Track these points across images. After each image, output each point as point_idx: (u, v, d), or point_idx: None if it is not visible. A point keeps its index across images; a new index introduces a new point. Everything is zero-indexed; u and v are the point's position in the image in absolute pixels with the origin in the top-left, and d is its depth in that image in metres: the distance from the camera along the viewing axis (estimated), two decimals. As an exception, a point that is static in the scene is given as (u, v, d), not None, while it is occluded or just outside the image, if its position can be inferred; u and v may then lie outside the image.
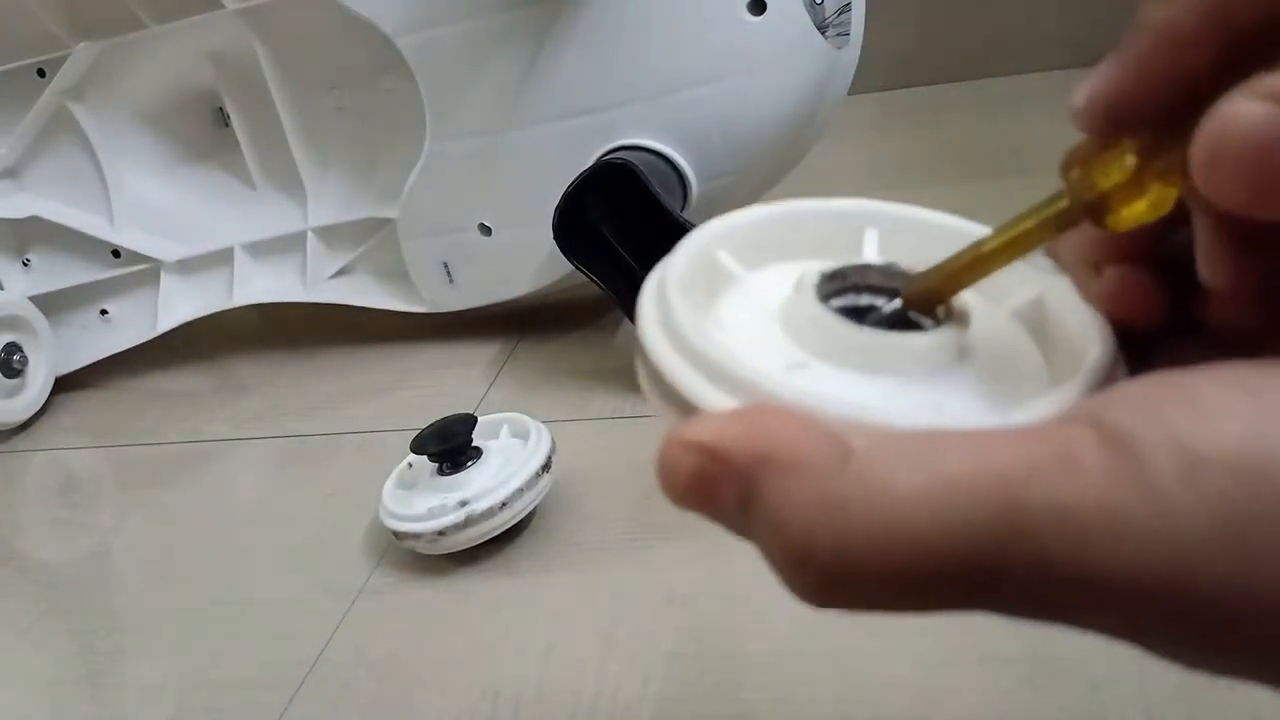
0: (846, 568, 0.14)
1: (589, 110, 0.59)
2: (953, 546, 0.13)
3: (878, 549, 0.13)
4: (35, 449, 0.71)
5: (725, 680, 0.38)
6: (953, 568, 0.13)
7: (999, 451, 0.14)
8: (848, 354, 0.18)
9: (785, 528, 0.14)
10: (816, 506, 0.14)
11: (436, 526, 0.45)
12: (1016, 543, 0.13)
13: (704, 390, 0.16)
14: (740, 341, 0.19)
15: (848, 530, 0.14)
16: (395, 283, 0.70)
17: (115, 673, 0.47)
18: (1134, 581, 0.13)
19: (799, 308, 0.18)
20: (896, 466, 0.14)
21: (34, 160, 0.74)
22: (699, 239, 0.20)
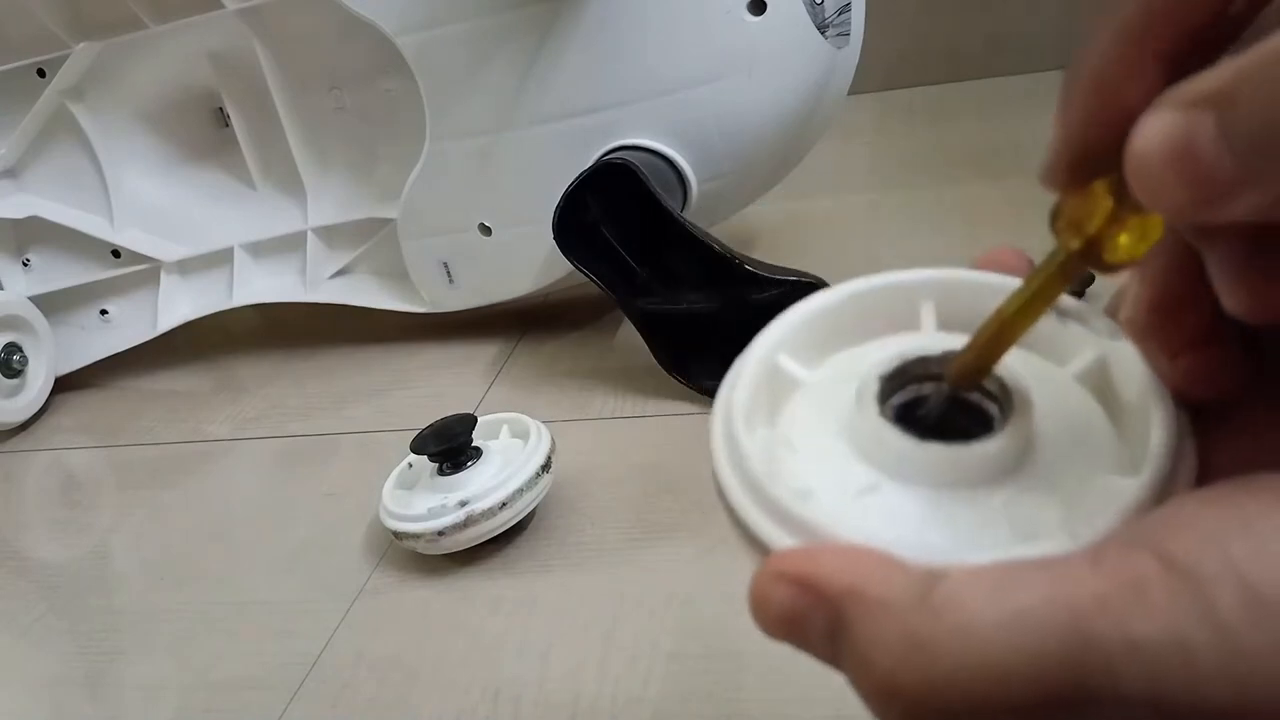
0: (932, 702, 0.15)
1: (589, 110, 0.59)
2: (1030, 679, 0.14)
3: (960, 683, 0.14)
4: (35, 449, 0.71)
5: (725, 680, 0.38)
6: (1032, 699, 0.14)
7: (1069, 583, 0.14)
8: (915, 471, 0.18)
9: (873, 665, 0.15)
10: (901, 644, 0.15)
11: (436, 526, 0.45)
12: (1091, 675, 0.14)
13: (782, 541, 0.17)
14: (810, 465, 0.19)
15: (932, 666, 0.14)
16: (395, 283, 0.70)
17: (115, 673, 0.47)
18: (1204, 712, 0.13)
19: (863, 424, 0.19)
20: (974, 603, 0.14)
21: (34, 160, 0.74)
22: (761, 349, 0.21)
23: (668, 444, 0.54)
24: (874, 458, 0.19)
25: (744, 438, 0.19)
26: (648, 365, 0.57)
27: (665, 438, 0.54)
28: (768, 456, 0.18)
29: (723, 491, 0.19)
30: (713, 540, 0.46)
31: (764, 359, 0.21)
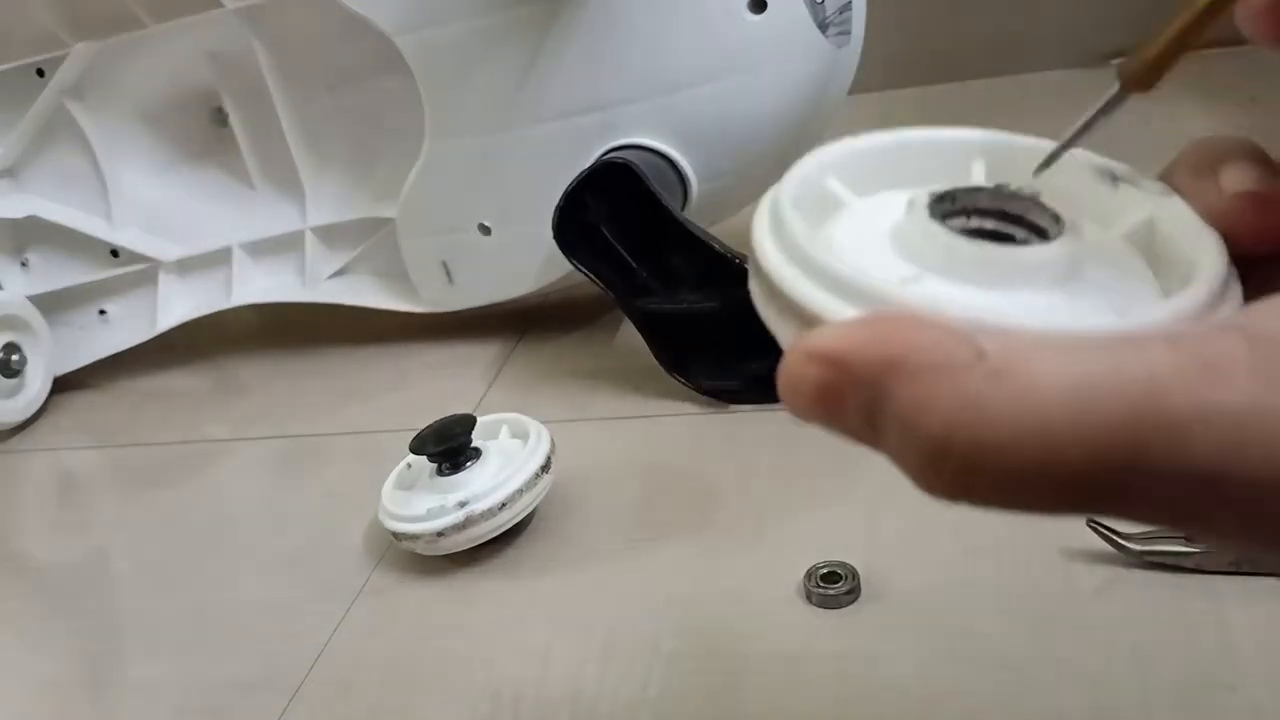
0: (985, 464, 0.14)
1: (589, 109, 0.59)
2: (1092, 449, 0.13)
3: (1017, 446, 0.14)
4: (34, 449, 0.71)
5: (725, 681, 0.38)
6: (1091, 470, 0.14)
7: (1143, 355, 0.14)
8: (962, 267, 0.18)
9: (922, 428, 0.14)
10: (954, 405, 0.14)
11: (436, 527, 0.45)
12: (1158, 445, 0.13)
13: (824, 300, 0.16)
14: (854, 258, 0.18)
15: (988, 428, 0.14)
16: (394, 283, 0.70)
17: (115, 673, 0.47)
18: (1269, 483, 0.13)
19: (911, 226, 0.18)
20: (1036, 366, 0.14)
21: (33, 160, 0.74)
22: (809, 164, 0.20)
23: (668, 444, 0.54)
24: (920, 255, 0.18)
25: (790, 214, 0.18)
26: (648, 365, 0.57)
27: (665, 438, 0.54)
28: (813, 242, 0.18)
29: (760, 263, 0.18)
30: (713, 540, 0.46)
31: (812, 173, 0.20)
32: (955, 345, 0.15)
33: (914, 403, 0.14)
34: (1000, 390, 0.14)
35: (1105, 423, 0.13)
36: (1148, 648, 0.35)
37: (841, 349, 0.15)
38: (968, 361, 0.14)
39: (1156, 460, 0.13)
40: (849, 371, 0.15)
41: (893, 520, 0.44)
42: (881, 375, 0.15)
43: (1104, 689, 0.34)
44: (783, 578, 0.42)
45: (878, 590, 0.40)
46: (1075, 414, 0.13)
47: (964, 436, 0.14)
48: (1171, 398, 0.13)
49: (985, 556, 0.41)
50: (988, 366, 0.14)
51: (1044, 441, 0.14)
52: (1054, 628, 0.37)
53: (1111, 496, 0.14)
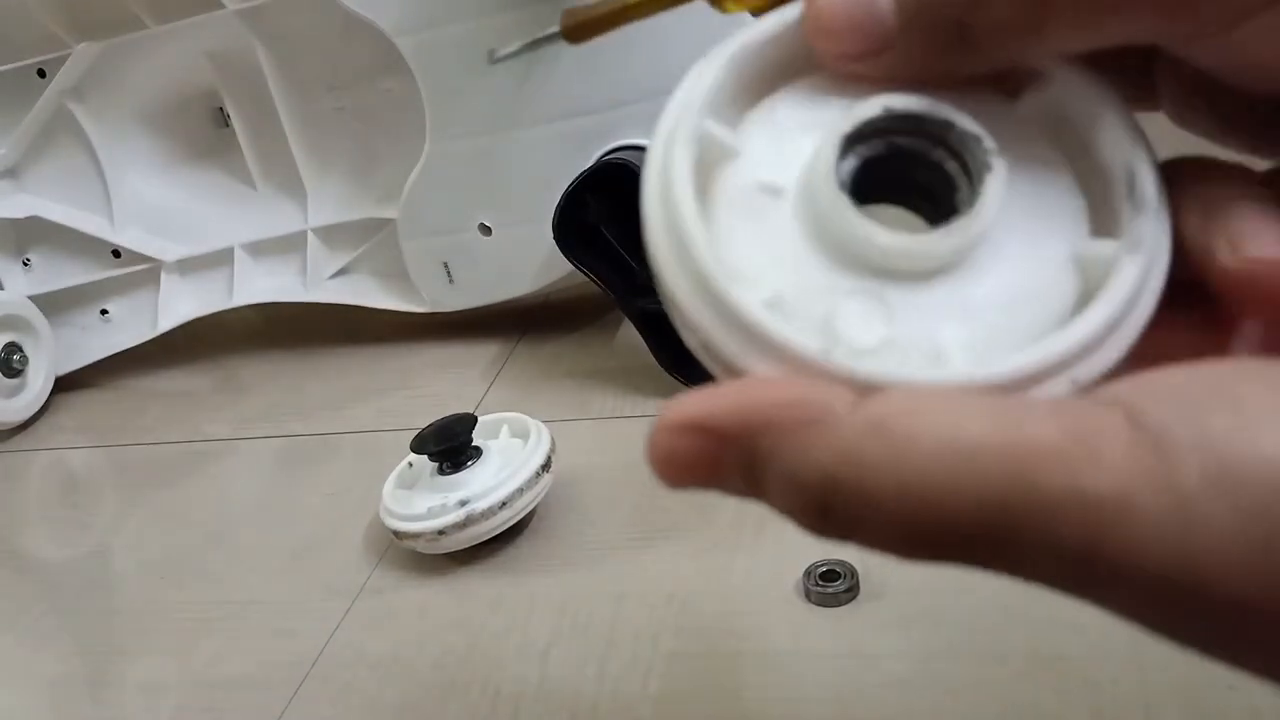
0: (867, 515, 0.14)
1: (589, 110, 0.59)
2: (967, 512, 0.14)
3: (899, 499, 0.14)
4: (35, 449, 0.71)
5: (725, 680, 0.38)
6: (966, 531, 0.14)
7: (1026, 425, 0.14)
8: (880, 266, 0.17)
9: (802, 483, 0.15)
10: (833, 457, 0.14)
11: (436, 526, 0.45)
12: (1029, 519, 0.13)
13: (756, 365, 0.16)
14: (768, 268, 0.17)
15: (868, 478, 0.14)
16: (395, 283, 0.70)
17: (115, 673, 0.47)
18: (1142, 573, 0.13)
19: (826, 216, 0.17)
20: (917, 422, 0.14)
21: (34, 160, 0.74)
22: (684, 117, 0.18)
23: (668, 444, 0.53)
24: (848, 253, 0.17)
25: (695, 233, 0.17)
26: (648, 365, 0.57)
27: (665, 437, 0.54)
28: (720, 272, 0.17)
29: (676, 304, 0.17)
30: (712, 539, 0.46)
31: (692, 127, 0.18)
32: (828, 398, 0.15)
33: (792, 459, 0.15)
34: (880, 442, 0.14)
35: (980, 490, 0.13)
36: (1147, 647, 0.35)
37: (708, 417, 0.15)
38: (841, 414, 0.14)
39: (1028, 534, 0.13)
40: (720, 437, 0.15)
41: (892, 520, 0.44)
42: (755, 436, 0.15)
43: (1104, 689, 0.34)
44: (782, 576, 0.42)
45: (877, 588, 0.40)
46: (953, 476, 0.14)
47: (846, 489, 0.14)
48: (1043, 476, 0.13)
49: (985, 556, 0.40)
50: (868, 418, 0.14)
51: (924, 497, 0.14)
52: (1053, 627, 0.37)
53: (993, 560, 0.14)
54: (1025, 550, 0.14)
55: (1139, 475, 0.13)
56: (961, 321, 0.17)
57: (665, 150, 0.18)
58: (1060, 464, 0.13)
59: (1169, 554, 0.13)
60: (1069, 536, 0.13)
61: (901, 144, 0.18)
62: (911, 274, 0.17)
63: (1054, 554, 0.13)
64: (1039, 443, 0.13)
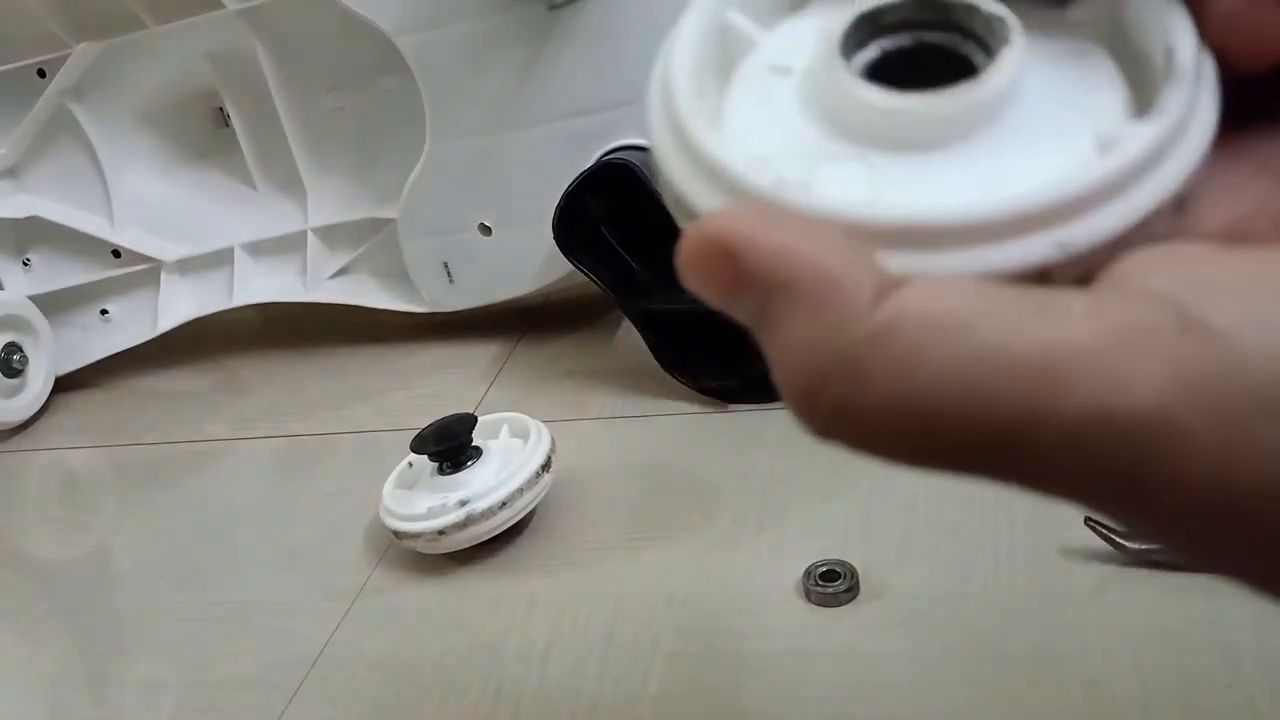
0: (852, 422, 0.13)
1: (589, 110, 0.59)
2: (976, 427, 0.12)
3: (889, 415, 0.13)
4: (35, 449, 0.71)
5: (725, 680, 0.38)
6: (970, 445, 0.12)
7: (1056, 325, 0.12)
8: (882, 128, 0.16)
9: (794, 369, 0.13)
10: (829, 356, 0.13)
11: (436, 526, 0.45)
12: (1046, 444, 0.12)
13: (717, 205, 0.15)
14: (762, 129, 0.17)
15: (859, 390, 0.13)
16: (395, 283, 0.70)
17: (115, 673, 0.47)
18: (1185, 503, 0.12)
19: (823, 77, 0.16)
20: (928, 334, 0.12)
21: (34, 160, 0.74)
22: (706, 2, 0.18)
23: (668, 444, 0.54)
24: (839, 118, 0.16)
25: (683, 93, 0.16)
26: (648, 365, 0.57)
27: (665, 438, 0.54)
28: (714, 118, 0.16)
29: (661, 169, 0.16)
30: (712, 539, 0.46)
31: (710, 11, 0.18)
32: (854, 280, 0.13)
33: (791, 339, 0.13)
34: (880, 354, 0.12)
35: (989, 409, 0.12)
36: (1147, 647, 0.35)
37: (742, 244, 0.14)
38: (857, 307, 0.13)
39: (1043, 460, 0.12)
40: (741, 271, 0.14)
41: (892, 519, 0.44)
42: (769, 291, 0.14)
43: (1103, 689, 0.34)
44: (782, 576, 0.42)
45: (876, 588, 0.40)
46: (961, 397, 0.12)
47: (835, 392, 0.13)
48: (1073, 396, 0.12)
49: (984, 555, 0.41)
50: (876, 321, 0.13)
51: (919, 418, 0.12)
52: (1053, 627, 0.37)
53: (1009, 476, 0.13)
54: (1050, 471, 0.12)
55: (1189, 392, 0.11)
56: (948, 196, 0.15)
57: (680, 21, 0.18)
58: (1098, 377, 0.11)
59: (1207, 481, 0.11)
60: (1103, 460, 0.12)
61: (928, 39, 0.17)
62: (907, 142, 0.16)
63: (1084, 476, 0.12)
64: (1073, 348, 0.12)
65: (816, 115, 0.17)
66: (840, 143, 0.16)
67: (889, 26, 0.17)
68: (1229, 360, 0.11)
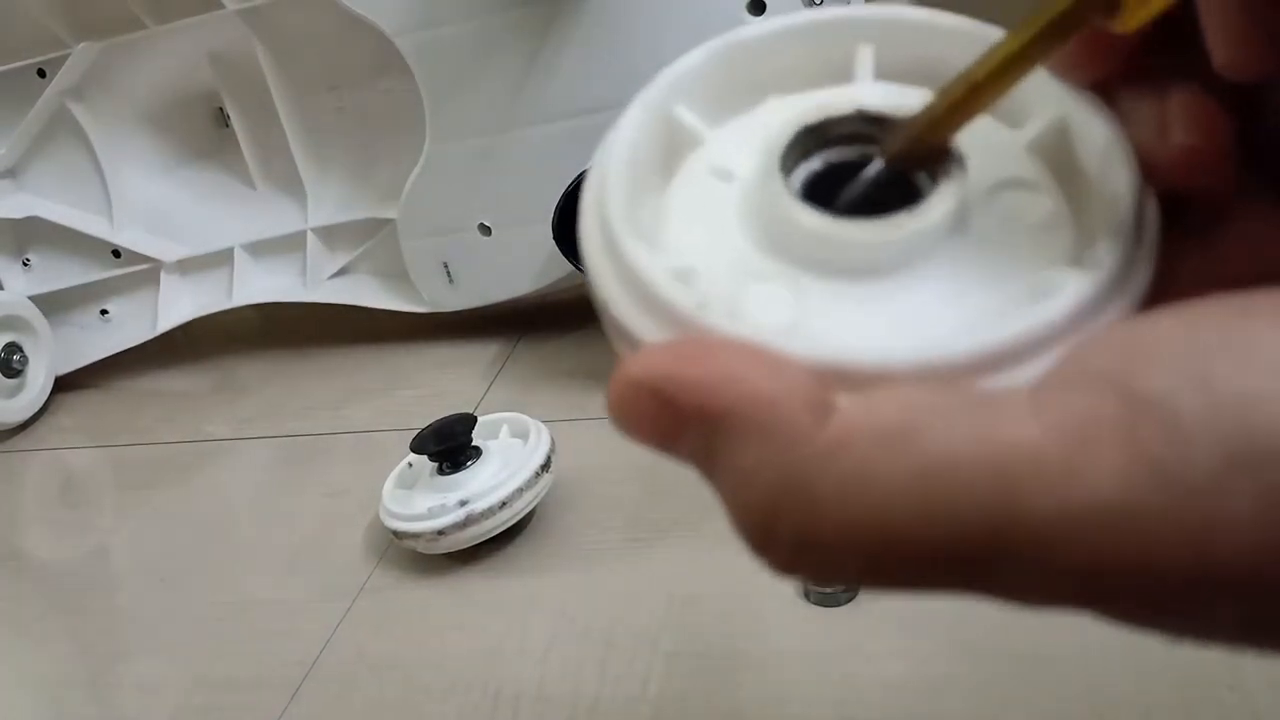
0: (814, 552, 0.12)
1: (589, 110, 0.59)
2: (939, 543, 0.12)
3: (851, 539, 0.12)
4: (35, 448, 0.71)
5: (725, 681, 0.38)
6: (938, 563, 0.12)
7: (999, 432, 0.11)
8: (820, 255, 0.15)
9: (746, 503, 0.13)
10: (779, 487, 0.12)
11: (436, 526, 0.45)
12: (1013, 548, 0.11)
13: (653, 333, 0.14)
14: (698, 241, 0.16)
15: (816, 515, 0.12)
16: (395, 283, 0.70)
17: (115, 673, 0.47)
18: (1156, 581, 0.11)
19: (764, 193, 0.16)
20: (876, 448, 0.12)
21: (34, 160, 0.74)
22: (654, 93, 0.17)
23: (668, 444, 0.53)
24: (769, 238, 0.16)
25: (615, 201, 0.16)
26: (648, 365, 0.57)
27: (665, 438, 0.54)
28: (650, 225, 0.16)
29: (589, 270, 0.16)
30: (712, 539, 0.46)
31: (656, 106, 0.17)
32: (791, 401, 0.12)
33: (736, 473, 0.13)
34: (830, 474, 0.12)
35: (951, 521, 0.11)
36: (1147, 649, 0.35)
37: (667, 383, 0.13)
38: (799, 429, 0.12)
39: (1011, 564, 0.11)
40: (673, 412, 0.13)
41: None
42: (709, 423, 0.13)
43: (1103, 690, 0.34)
44: (782, 577, 0.42)
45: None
46: (919, 510, 0.12)
47: (791, 522, 0.12)
48: (1031, 495, 0.11)
49: (985, 556, 0.40)
50: (822, 440, 0.12)
51: (879, 537, 0.12)
52: (1053, 627, 0.37)
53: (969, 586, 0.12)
54: (1017, 578, 0.12)
55: (1142, 472, 0.11)
56: (874, 328, 0.15)
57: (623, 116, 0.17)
58: (1050, 477, 0.11)
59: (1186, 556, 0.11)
60: (1071, 559, 0.11)
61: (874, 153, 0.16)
62: (837, 268, 0.15)
63: (1053, 579, 0.11)
64: (1021, 451, 0.11)
65: (752, 227, 0.16)
66: (771, 260, 0.16)
67: (834, 139, 0.16)
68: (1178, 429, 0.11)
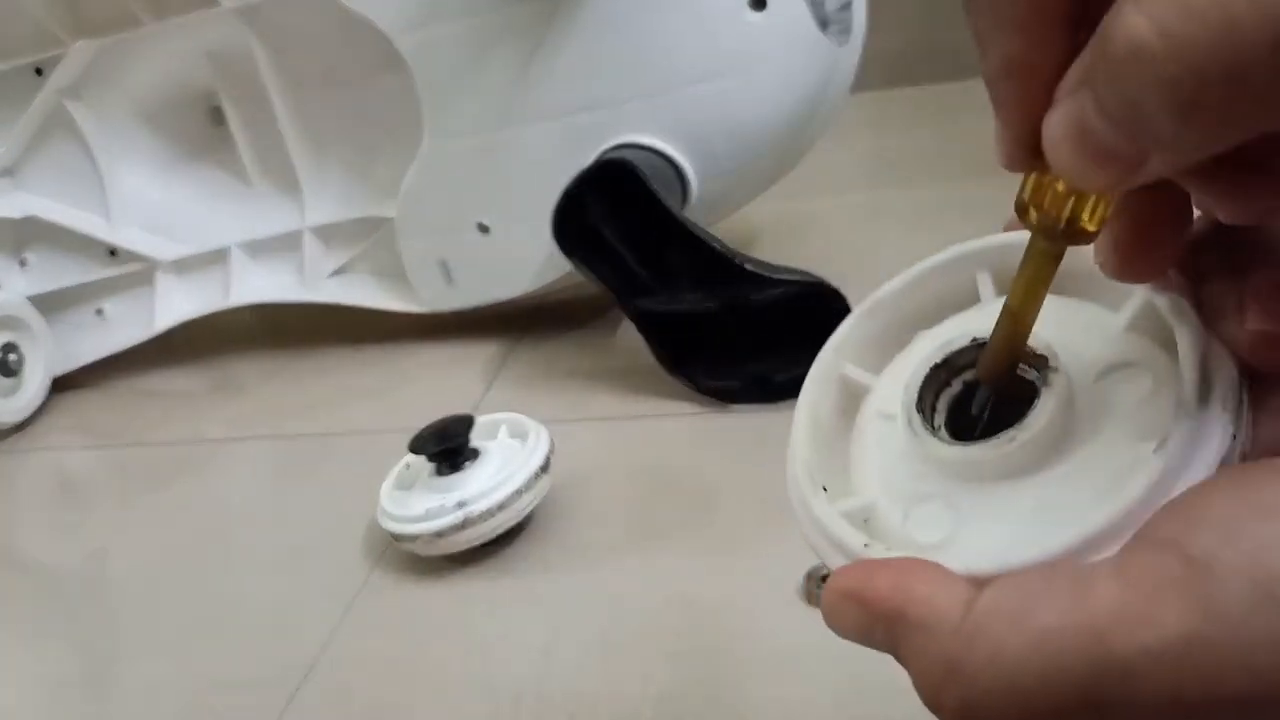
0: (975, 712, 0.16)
1: (588, 108, 0.59)
2: (1055, 696, 0.15)
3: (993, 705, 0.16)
4: (33, 449, 0.71)
5: (725, 682, 0.38)
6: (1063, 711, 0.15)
7: (1090, 598, 0.15)
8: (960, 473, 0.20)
9: (920, 680, 0.17)
10: (941, 668, 0.16)
11: (434, 528, 0.45)
12: (1112, 686, 0.15)
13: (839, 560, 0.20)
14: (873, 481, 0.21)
15: (967, 690, 0.16)
16: (393, 282, 0.70)
17: (115, 673, 0.47)
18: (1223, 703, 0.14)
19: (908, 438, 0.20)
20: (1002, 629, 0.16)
21: (31, 159, 0.74)
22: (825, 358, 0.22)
23: (668, 444, 0.53)
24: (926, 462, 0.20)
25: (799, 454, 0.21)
26: (648, 365, 0.57)
27: (665, 438, 0.54)
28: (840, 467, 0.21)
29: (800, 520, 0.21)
30: (712, 540, 0.45)
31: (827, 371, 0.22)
32: (944, 601, 0.17)
33: (913, 655, 0.17)
34: (973, 653, 0.16)
35: (1063, 674, 0.15)
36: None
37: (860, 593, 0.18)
38: (952, 622, 0.16)
39: (1115, 699, 0.15)
40: (870, 614, 0.18)
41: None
42: (892, 623, 0.17)
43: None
44: (783, 578, 0.41)
45: (878, 591, 0.40)
46: (1036, 673, 0.15)
47: (950, 695, 0.16)
48: (1116, 643, 0.15)
49: (986, 557, 0.40)
50: (964, 630, 0.16)
51: (1016, 699, 0.15)
52: None
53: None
54: (1121, 712, 0.15)
55: (1196, 614, 0.14)
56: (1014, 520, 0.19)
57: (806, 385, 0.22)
58: (1129, 624, 0.15)
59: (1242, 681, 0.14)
60: (1153, 692, 0.14)
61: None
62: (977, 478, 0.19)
63: (1148, 710, 0.15)
64: (1108, 608, 0.15)
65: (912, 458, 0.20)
66: (928, 483, 0.20)
67: (963, 367, 0.21)
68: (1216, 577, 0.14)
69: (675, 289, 0.56)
